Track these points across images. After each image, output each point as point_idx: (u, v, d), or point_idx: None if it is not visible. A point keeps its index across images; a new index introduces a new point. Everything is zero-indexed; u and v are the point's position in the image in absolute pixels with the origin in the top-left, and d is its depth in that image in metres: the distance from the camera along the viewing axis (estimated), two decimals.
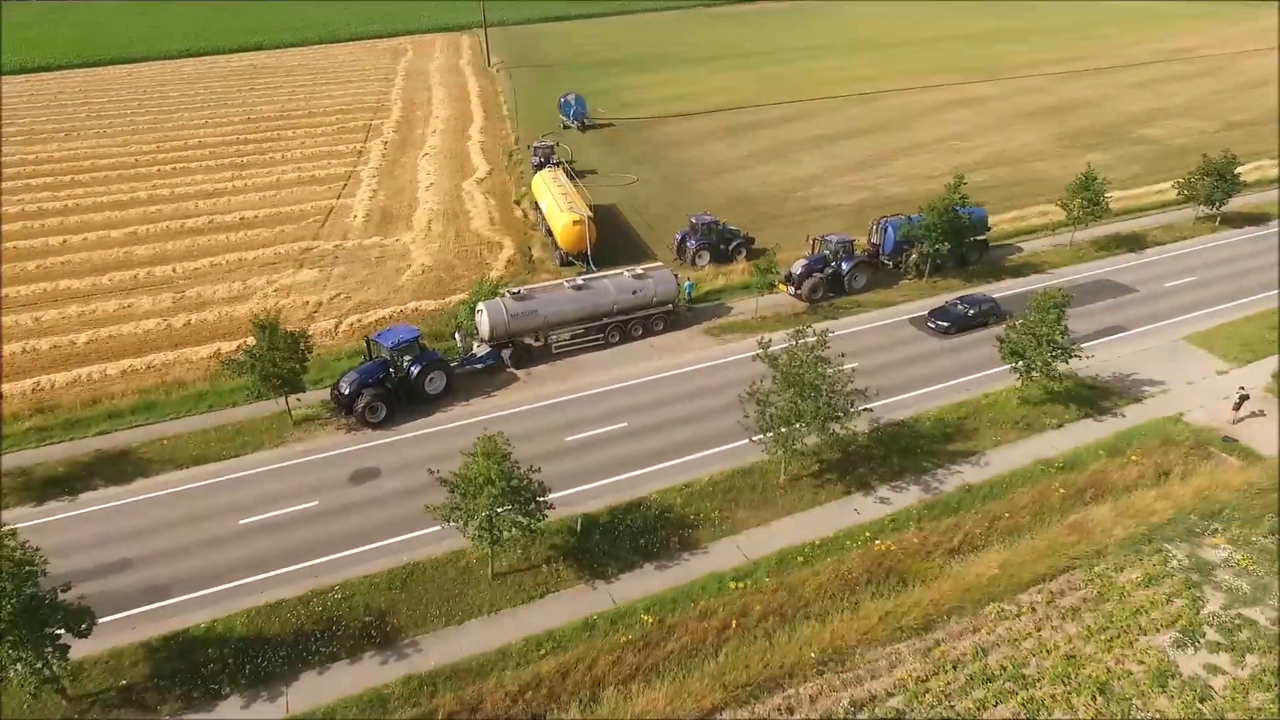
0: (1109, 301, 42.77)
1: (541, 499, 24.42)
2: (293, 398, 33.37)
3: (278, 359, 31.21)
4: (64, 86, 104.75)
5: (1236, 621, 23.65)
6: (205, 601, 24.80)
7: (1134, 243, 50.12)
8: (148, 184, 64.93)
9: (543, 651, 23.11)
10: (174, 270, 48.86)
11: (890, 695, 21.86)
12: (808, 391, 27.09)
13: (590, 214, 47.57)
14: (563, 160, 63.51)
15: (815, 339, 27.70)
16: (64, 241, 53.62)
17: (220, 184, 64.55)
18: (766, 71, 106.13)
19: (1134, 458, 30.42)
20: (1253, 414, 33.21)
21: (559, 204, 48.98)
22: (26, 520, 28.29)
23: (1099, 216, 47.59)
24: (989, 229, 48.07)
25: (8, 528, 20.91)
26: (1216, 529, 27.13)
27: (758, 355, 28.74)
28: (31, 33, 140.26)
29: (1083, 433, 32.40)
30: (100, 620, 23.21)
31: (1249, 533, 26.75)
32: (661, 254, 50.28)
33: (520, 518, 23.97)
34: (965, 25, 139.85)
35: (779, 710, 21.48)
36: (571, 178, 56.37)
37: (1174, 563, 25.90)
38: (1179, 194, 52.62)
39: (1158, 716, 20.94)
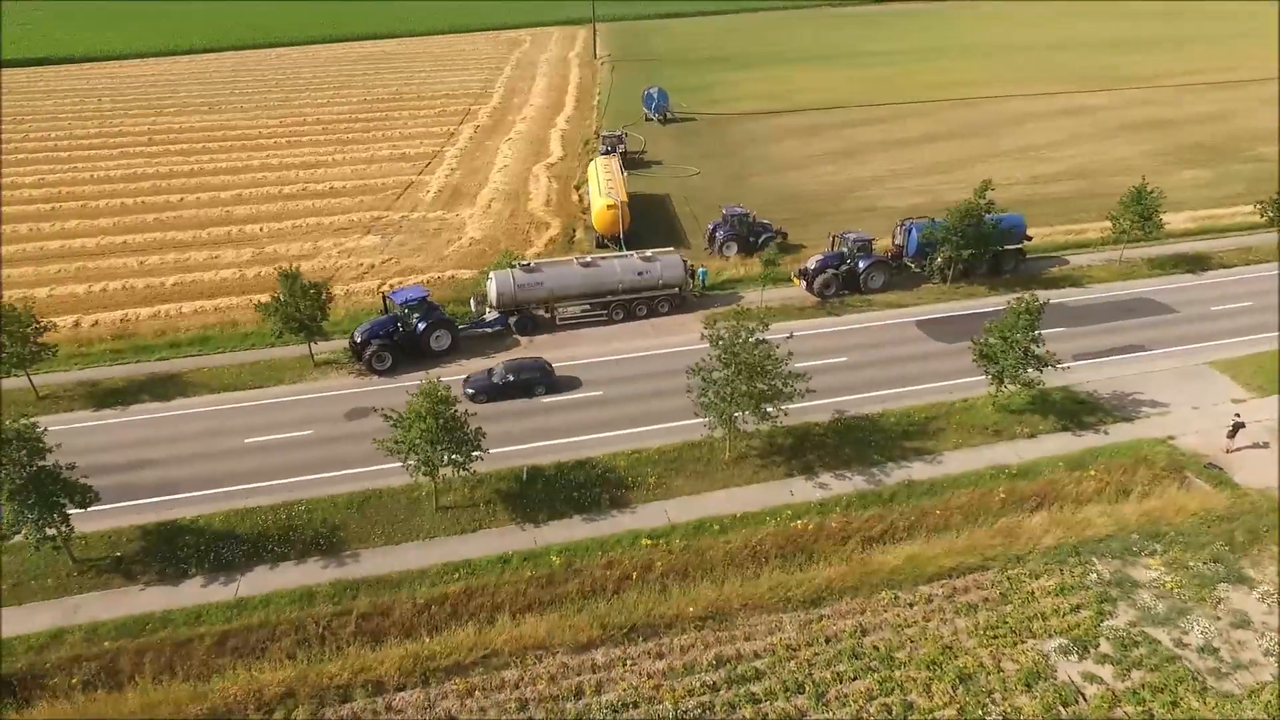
0: (1140, 320, 40.85)
1: (475, 442, 27.04)
2: (319, 342, 37.61)
3: (301, 306, 35.40)
4: (219, 67, 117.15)
5: (1136, 638, 23.20)
6: (199, 500, 29.05)
7: (1197, 263, 47.16)
8: (263, 154, 72.56)
9: (457, 576, 25.82)
10: (261, 229, 55.02)
11: (757, 657, 23.09)
12: (744, 371, 28.29)
13: (625, 200, 49.79)
14: (624, 149, 66.07)
15: (756, 321, 28.83)
16: (181, 199, 61.24)
17: (323, 157, 71.25)
18: (873, 73, 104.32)
19: (1093, 473, 29.67)
20: (1255, 445, 31.42)
21: (600, 189, 51.55)
22: (83, 422, 33.91)
23: (1150, 233, 45.13)
24: (1028, 238, 46.62)
25: (58, 427, 25.64)
26: (1156, 550, 26.33)
27: (703, 334, 30.10)
28: (202, 20, 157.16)
29: (1055, 445, 31.72)
30: (113, 504, 28.11)
31: (1187, 557, 25.83)
32: (696, 243, 51.89)
33: (456, 455, 26.74)
34: (1108, 31, 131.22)
35: (646, 654, 23.20)
36: (624, 167, 58.72)
37: (1094, 576, 25.45)
38: (1260, 215, 48.93)
39: (1008, 710, 21.15)
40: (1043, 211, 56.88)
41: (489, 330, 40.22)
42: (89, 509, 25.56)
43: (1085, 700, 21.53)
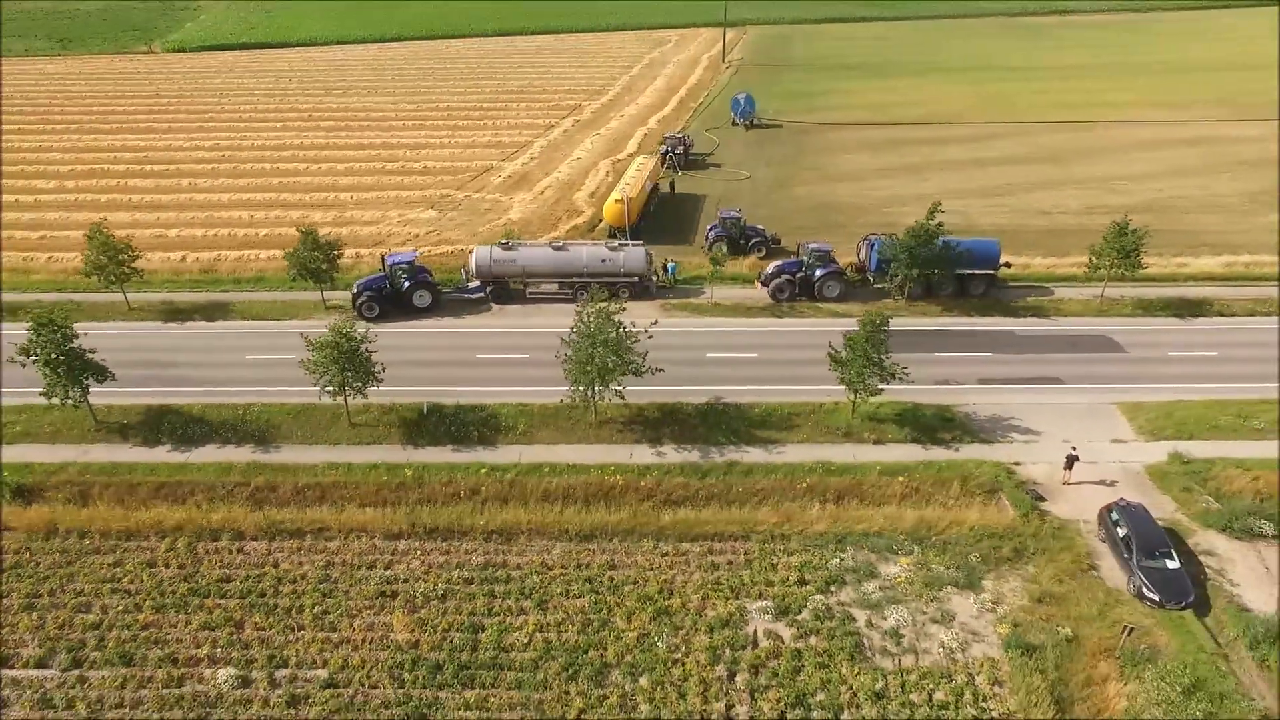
0: (1079, 355, 40.66)
1: (372, 372, 34.12)
2: (333, 290, 46.53)
3: (318, 257, 44.29)
4: (394, 55, 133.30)
5: (835, 613, 26.08)
6: (194, 394, 38.34)
7: (1191, 308, 45.08)
8: (387, 134, 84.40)
9: (335, 472, 33.08)
10: (350, 197, 65.71)
11: (517, 569, 28.44)
12: (598, 345, 33.18)
13: (631, 197, 55.01)
14: (683, 150, 71.04)
15: (607, 302, 33.60)
16: (306, 168, 73.71)
17: (432, 139, 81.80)
18: (1001, 88, 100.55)
19: (902, 479, 31.72)
20: (1101, 482, 31.90)
21: (620, 185, 57.14)
22: (155, 329, 44.76)
23: (1131, 271, 43.83)
24: (1006, 265, 46.80)
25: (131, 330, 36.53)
26: (914, 551, 28.49)
27: (575, 313, 35.14)
28: (395, 12, 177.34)
29: (895, 453, 33.79)
30: (137, 388, 38.04)
31: (935, 560, 27.85)
32: (700, 242, 56.13)
33: (359, 382, 33.99)
34: None
35: (437, 550, 29.31)
36: (679, 167, 64.11)
37: (837, 562, 28.18)
38: None
39: (680, 642, 25.05)
40: (1074, 242, 55.35)
41: (469, 295, 47.36)
42: (105, 384, 35.30)
43: (753, 648, 24.98)
